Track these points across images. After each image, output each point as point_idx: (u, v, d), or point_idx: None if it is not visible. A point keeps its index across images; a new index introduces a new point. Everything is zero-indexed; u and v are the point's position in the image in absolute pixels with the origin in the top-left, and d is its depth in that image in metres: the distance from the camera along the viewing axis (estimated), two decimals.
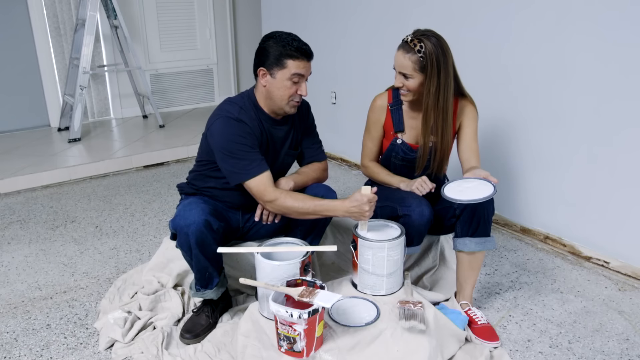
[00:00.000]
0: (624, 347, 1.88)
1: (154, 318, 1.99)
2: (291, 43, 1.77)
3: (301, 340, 1.49)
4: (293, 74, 1.78)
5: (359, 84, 3.66)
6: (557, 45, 2.42)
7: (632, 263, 2.34)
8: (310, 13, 3.95)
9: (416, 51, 1.80)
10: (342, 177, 3.70)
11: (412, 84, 1.86)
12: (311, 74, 1.86)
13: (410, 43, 1.82)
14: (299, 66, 1.78)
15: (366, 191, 1.71)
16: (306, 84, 1.84)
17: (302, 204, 1.78)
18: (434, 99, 1.86)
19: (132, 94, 5.04)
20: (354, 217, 1.76)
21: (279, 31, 1.83)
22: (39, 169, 3.60)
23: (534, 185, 2.66)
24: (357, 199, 1.72)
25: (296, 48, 1.77)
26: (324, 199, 1.80)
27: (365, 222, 1.79)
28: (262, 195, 1.80)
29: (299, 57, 1.77)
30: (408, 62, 1.83)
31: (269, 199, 1.80)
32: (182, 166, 4.01)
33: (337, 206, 1.76)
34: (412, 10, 3.10)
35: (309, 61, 1.82)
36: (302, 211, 1.78)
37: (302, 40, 1.82)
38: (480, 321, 1.92)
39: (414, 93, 1.90)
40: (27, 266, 2.50)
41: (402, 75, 1.87)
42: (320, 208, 1.77)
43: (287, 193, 1.81)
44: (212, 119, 1.86)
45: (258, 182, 1.79)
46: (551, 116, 2.51)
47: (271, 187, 1.80)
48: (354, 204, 1.72)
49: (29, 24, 4.51)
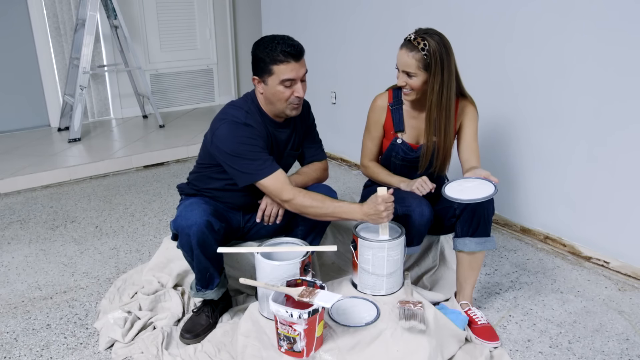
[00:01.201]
0: (624, 347, 1.88)
1: (154, 318, 1.99)
2: (275, 48, 1.70)
3: (301, 340, 1.49)
4: (282, 80, 1.73)
5: (359, 84, 3.66)
6: (557, 45, 2.42)
7: (632, 263, 2.34)
8: (310, 13, 3.95)
9: (420, 49, 1.80)
10: (342, 177, 3.70)
11: (416, 82, 1.86)
12: (307, 71, 1.79)
13: (413, 41, 1.81)
14: (285, 70, 1.72)
15: (382, 192, 1.69)
16: (302, 84, 1.78)
17: (320, 204, 1.74)
18: (438, 97, 1.85)
19: (132, 94, 5.04)
20: (372, 220, 1.71)
21: (266, 36, 1.76)
22: (39, 169, 3.60)
23: (534, 185, 2.66)
24: (372, 200, 1.69)
25: (280, 51, 1.70)
26: (342, 201, 1.77)
27: (385, 225, 1.74)
28: (280, 193, 1.77)
29: (284, 60, 1.71)
30: (412, 60, 1.82)
31: (287, 198, 1.76)
32: (182, 166, 4.01)
33: (355, 210, 1.72)
34: (412, 10, 3.10)
35: (298, 61, 1.73)
36: (320, 212, 1.75)
37: (291, 39, 1.74)
38: (480, 321, 1.92)
39: (417, 92, 1.89)
40: (27, 266, 2.50)
41: (405, 73, 1.86)
42: (339, 210, 1.74)
43: (305, 192, 1.77)
44: (216, 123, 1.81)
45: (274, 180, 1.76)
46: (551, 116, 2.51)
47: (288, 185, 1.77)
48: (370, 205, 1.69)
49: (29, 24, 4.51)
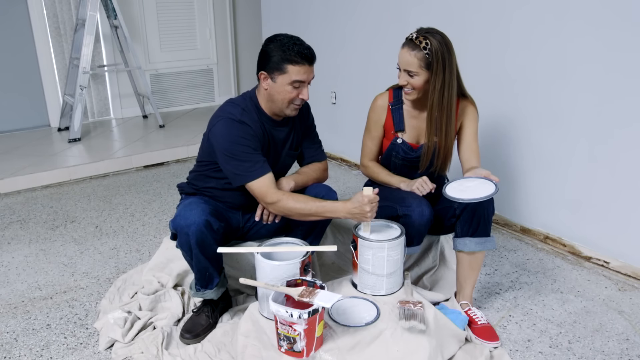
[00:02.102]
0: (624, 347, 1.88)
1: (154, 318, 1.99)
2: (292, 47, 1.73)
3: (301, 340, 1.49)
4: (293, 80, 1.76)
5: (359, 84, 3.66)
6: (557, 44, 2.42)
7: (632, 263, 2.34)
8: (310, 13, 3.95)
9: (422, 48, 1.80)
10: (342, 177, 3.70)
11: (417, 81, 1.86)
12: (314, 77, 1.82)
13: (415, 40, 1.81)
14: (299, 72, 1.75)
15: (367, 192, 1.70)
16: (308, 87, 1.82)
17: (303, 205, 1.77)
18: (439, 95, 1.86)
19: (132, 94, 5.04)
20: (356, 218, 1.75)
21: (281, 34, 1.80)
22: (39, 169, 3.60)
23: (534, 185, 2.66)
24: (358, 199, 1.71)
25: (297, 52, 1.73)
26: (326, 200, 1.80)
27: (368, 223, 1.79)
28: (264, 197, 1.80)
29: (299, 62, 1.74)
30: (414, 59, 1.82)
31: (270, 201, 1.79)
32: (182, 166, 4.00)
33: (339, 207, 1.75)
34: (412, 10, 3.10)
35: (311, 65, 1.78)
36: (304, 212, 1.78)
37: (305, 43, 1.78)
38: (480, 321, 1.92)
39: (419, 91, 1.89)
40: (27, 266, 2.50)
41: (406, 72, 1.86)
42: (322, 209, 1.77)
43: (289, 195, 1.80)
44: (214, 120, 1.84)
45: (260, 184, 1.79)
46: (551, 115, 2.51)
47: (273, 189, 1.79)
48: (355, 204, 1.71)
49: (29, 24, 4.51)
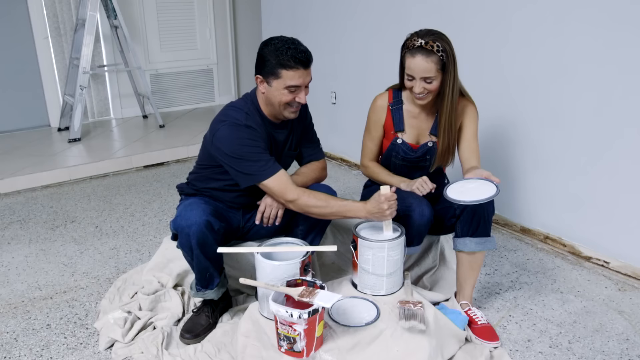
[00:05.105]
0: (624, 347, 1.88)
1: (154, 318, 1.99)
2: (286, 52, 1.70)
3: (301, 340, 1.49)
4: (288, 85, 1.73)
5: (358, 84, 3.66)
6: (557, 44, 2.42)
7: (632, 263, 2.34)
8: (310, 13, 3.95)
9: (436, 52, 1.80)
10: (342, 177, 3.70)
11: (434, 85, 1.86)
12: (312, 79, 1.80)
13: (426, 46, 1.80)
14: (293, 77, 1.72)
15: (385, 190, 1.70)
16: (306, 90, 1.79)
17: (325, 203, 1.75)
18: (452, 93, 1.87)
19: (132, 94, 5.04)
20: (376, 217, 1.74)
21: (277, 37, 1.77)
22: (39, 169, 3.60)
23: (534, 185, 2.66)
24: (375, 199, 1.71)
25: (291, 57, 1.70)
26: (346, 200, 1.79)
27: (389, 222, 1.77)
28: (284, 193, 1.77)
29: (293, 66, 1.71)
30: (431, 64, 1.81)
31: (290, 198, 1.77)
32: (182, 166, 4.01)
33: (360, 208, 1.74)
34: (412, 10, 3.10)
35: (306, 69, 1.74)
36: (324, 212, 1.76)
37: (301, 45, 1.74)
38: (480, 321, 1.92)
39: (434, 94, 1.90)
40: (27, 266, 2.50)
41: (423, 80, 1.84)
42: (343, 209, 1.75)
43: (308, 192, 1.78)
44: (216, 124, 1.81)
45: (277, 180, 1.77)
46: (551, 116, 2.51)
47: (292, 185, 1.78)
48: (373, 204, 1.71)
49: (29, 24, 4.51)
